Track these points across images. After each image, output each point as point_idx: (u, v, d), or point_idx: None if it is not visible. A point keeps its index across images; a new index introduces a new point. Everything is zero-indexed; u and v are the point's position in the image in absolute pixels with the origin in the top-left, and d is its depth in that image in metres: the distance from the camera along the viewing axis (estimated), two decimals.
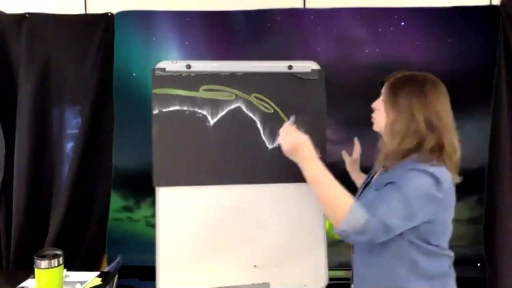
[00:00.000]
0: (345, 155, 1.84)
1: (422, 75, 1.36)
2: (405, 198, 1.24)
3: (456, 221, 1.35)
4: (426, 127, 1.27)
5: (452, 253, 1.38)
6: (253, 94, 1.92)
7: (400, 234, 1.28)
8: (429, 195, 1.25)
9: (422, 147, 1.28)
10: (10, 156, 2.02)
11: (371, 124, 1.46)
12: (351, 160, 1.82)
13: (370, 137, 1.50)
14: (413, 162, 1.28)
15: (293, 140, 1.38)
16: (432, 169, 1.26)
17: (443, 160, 1.28)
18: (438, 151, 1.28)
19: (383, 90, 1.40)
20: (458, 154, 1.32)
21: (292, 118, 1.50)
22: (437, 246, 1.32)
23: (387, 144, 1.33)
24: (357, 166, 1.81)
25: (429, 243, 1.31)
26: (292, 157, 1.40)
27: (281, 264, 1.89)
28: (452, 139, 1.31)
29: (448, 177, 1.29)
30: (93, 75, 2.03)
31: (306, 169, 1.36)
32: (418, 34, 2.05)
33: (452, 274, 1.39)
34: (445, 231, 1.36)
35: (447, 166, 1.29)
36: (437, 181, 1.25)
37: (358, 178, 1.77)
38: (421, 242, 1.29)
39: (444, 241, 1.35)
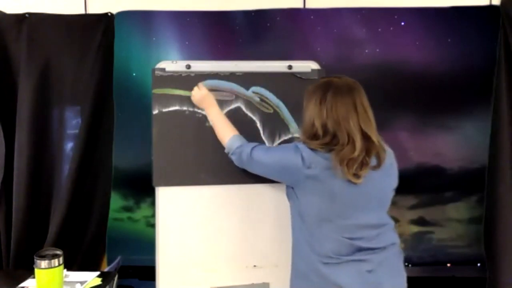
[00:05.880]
0: None
1: (330, 83, 1.52)
2: (272, 148, 1.71)
3: (456, 221, 1.35)
4: (322, 131, 1.47)
5: (345, 240, 1.46)
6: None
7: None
8: (288, 160, 1.50)
9: (317, 141, 1.48)
10: (10, 156, 2.02)
11: None
12: None
13: None
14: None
15: (199, 94, 1.83)
16: (304, 149, 1.47)
17: (333, 155, 1.43)
18: (331, 146, 1.45)
19: None
20: (355, 155, 1.42)
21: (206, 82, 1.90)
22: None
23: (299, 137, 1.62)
24: None
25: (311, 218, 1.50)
26: (200, 106, 1.86)
27: (281, 264, 1.89)
28: (355, 142, 1.42)
29: (320, 164, 1.45)
30: (93, 75, 2.02)
31: (208, 114, 1.83)
32: (418, 34, 2.05)
33: (340, 259, 1.45)
34: (325, 215, 1.47)
35: (331, 158, 1.43)
36: (303, 158, 1.46)
37: None
38: (301, 215, 1.52)
39: (325, 228, 1.48)
